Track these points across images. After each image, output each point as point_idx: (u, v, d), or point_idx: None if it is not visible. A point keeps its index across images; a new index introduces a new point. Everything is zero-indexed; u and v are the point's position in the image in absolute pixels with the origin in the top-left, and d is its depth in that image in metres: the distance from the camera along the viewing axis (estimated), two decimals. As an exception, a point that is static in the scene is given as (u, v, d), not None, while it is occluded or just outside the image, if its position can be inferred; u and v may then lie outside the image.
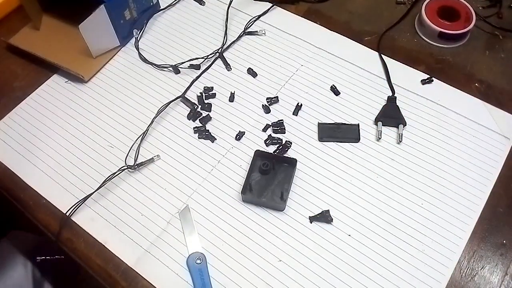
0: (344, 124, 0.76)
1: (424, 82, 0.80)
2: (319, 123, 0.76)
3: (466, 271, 0.63)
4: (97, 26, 0.80)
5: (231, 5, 0.91)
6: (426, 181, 0.70)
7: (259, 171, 0.70)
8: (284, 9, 0.92)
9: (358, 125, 0.76)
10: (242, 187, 0.69)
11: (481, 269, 0.63)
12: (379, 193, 0.69)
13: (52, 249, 0.72)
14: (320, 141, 0.75)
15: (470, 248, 0.65)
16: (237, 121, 0.77)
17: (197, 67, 0.84)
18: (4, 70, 0.86)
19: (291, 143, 0.74)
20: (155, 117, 0.76)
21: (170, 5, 0.93)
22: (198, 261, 0.64)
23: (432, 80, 0.80)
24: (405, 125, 0.75)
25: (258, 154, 0.72)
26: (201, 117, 0.77)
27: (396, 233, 0.66)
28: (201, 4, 0.94)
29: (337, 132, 0.75)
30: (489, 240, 0.66)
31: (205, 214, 0.68)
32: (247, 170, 0.70)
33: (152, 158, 0.73)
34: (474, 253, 0.65)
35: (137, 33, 0.88)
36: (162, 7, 0.93)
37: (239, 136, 0.75)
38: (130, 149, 0.74)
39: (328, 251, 0.65)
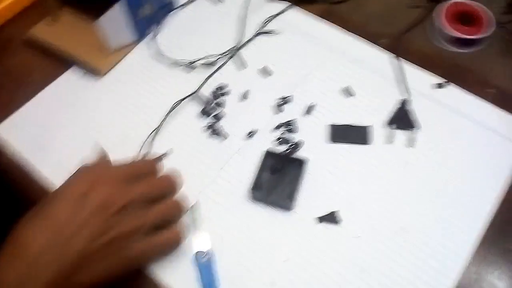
0: (356, 126, 0.76)
1: (439, 86, 0.80)
2: (331, 124, 0.76)
3: (474, 277, 0.63)
4: (115, 21, 0.80)
5: (249, 3, 0.92)
6: (437, 185, 0.70)
7: (269, 170, 0.71)
8: (301, 8, 0.92)
9: (370, 127, 0.75)
10: (251, 185, 0.69)
11: (489, 275, 0.63)
12: (389, 196, 0.69)
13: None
14: (331, 142, 0.75)
15: (478, 253, 0.64)
16: (249, 119, 0.77)
17: (213, 64, 0.84)
18: (20, 63, 0.87)
19: (302, 143, 0.74)
20: (169, 113, 0.77)
21: (188, 2, 0.94)
22: (206, 258, 0.64)
23: (447, 85, 0.80)
24: (418, 129, 0.75)
25: (269, 153, 0.72)
26: (214, 114, 0.78)
27: (405, 236, 0.66)
28: (220, 1, 0.94)
29: (349, 134, 0.75)
30: (498, 246, 0.65)
31: (214, 211, 0.69)
32: (258, 169, 0.71)
33: (165, 153, 0.74)
34: (483, 258, 0.64)
35: (155, 29, 0.88)
36: (179, 4, 0.93)
37: (251, 134, 0.76)
38: (143, 144, 0.75)
39: (336, 252, 0.65)
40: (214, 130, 0.76)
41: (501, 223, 0.67)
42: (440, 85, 0.80)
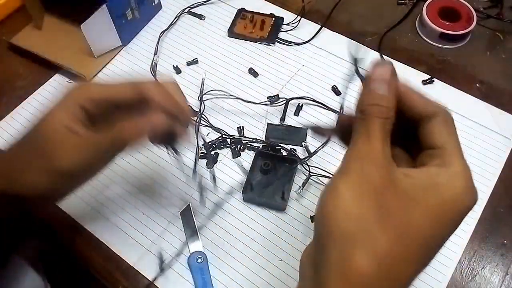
0: (292, 126, 0.77)
1: (425, 82, 0.81)
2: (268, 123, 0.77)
3: (467, 271, 0.63)
4: (99, 26, 0.80)
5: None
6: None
7: (260, 170, 0.70)
8: (284, 9, 0.92)
9: (306, 129, 0.76)
10: (243, 186, 0.69)
11: (481, 269, 0.64)
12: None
13: (59, 254, 0.72)
14: (266, 140, 0.75)
15: (470, 248, 0.65)
16: (238, 121, 0.77)
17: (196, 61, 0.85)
18: (6, 69, 0.86)
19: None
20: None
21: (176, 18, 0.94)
22: (199, 260, 0.64)
23: (433, 81, 0.81)
24: (406, 125, 0.75)
25: (259, 153, 0.72)
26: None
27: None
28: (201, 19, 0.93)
29: (285, 134, 0.76)
30: (489, 240, 0.66)
31: (206, 213, 0.69)
32: (248, 170, 0.71)
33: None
34: (474, 253, 0.65)
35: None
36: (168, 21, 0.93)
37: (241, 133, 0.76)
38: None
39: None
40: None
41: (492, 217, 0.67)
42: (426, 81, 0.80)
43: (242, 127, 0.76)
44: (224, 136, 0.75)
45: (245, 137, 0.75)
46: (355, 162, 0.35)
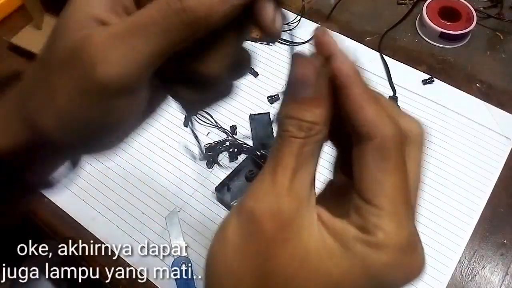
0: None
1: (425, 82, 0.81)
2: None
3: (467, 271, 0.63)
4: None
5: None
6: (427, 181, 0.70)
7: (245, 177, 0.70)
8: (284, 9, 0.92)
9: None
10: (218, 184, 0.69)
11: (481, 269, 0.64)
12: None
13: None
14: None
15: (471, 247, 0.65)
16: (237, 120, 0.77)
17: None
18: (6, 69, 0.86)
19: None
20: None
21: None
22: (184, 266, 0.63)
23: (433, 80, 0.81)
24: (406, 125, 0.75)
25: (250, 159, 0.72)
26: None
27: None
28: None
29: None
30: (489, 240, 0.66)
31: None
32: (232, 169, 0.70)
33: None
34: (475, 252, 0.65)
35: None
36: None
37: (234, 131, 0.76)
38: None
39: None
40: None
41: (492, 217, 0.67)
42: (426, 81, 0.80)
43: (235, 126, 0.77)
44: (229, 137, 0.75)
45: (245, 144, 0.74)
46: (251, 199, 0.26)
